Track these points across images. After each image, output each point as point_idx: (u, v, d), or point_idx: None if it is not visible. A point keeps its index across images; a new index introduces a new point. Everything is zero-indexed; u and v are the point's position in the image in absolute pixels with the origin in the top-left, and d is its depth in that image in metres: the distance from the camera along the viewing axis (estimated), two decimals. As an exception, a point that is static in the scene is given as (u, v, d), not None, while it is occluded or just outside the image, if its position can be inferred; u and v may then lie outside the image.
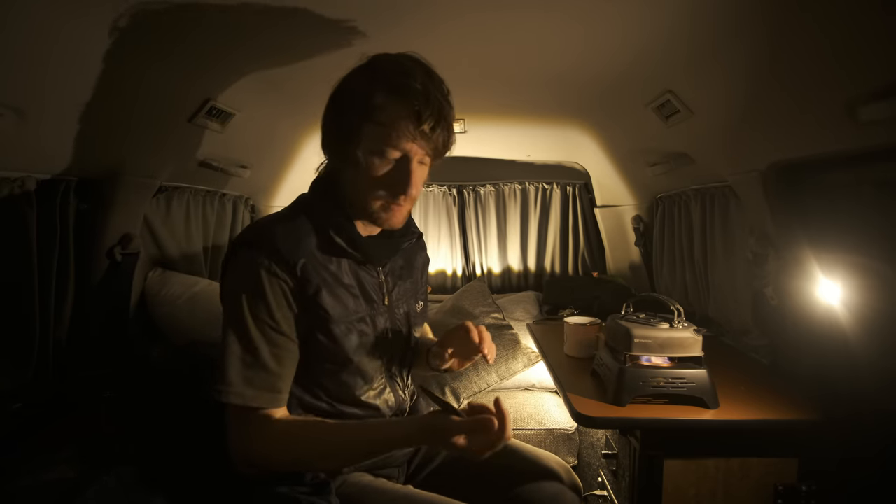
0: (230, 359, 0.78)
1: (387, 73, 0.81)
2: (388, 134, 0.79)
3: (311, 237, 0.84)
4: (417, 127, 0.79)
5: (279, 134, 1.82)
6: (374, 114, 0.79)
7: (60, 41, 0.87)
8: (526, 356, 1.89)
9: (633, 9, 0.93)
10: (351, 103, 0.82)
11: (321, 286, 0.81)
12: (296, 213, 0.87)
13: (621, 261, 2.49)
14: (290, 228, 0.83)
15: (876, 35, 0.75)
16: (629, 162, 1.97)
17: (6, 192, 1.10)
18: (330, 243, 0.85)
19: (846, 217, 1.10)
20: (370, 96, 0.79)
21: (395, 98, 0.79)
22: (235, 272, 0.82)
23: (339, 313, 0.83)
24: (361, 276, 0.89)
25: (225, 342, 0.79)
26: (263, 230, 0.82)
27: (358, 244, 0.86)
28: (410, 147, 0.81)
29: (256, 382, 0.78)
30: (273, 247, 0.79)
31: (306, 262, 0.81)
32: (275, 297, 0.79)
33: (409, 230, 0.99)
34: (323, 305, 0.82)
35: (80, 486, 0.69)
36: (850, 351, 1.07)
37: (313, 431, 0.80)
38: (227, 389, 0.77)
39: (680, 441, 1.07)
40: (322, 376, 0.87)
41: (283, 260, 0.79)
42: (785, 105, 1.01)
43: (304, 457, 0.80)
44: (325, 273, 0.83)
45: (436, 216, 2.78)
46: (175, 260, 1.70)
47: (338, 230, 0.85)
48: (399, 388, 0.97)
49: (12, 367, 1.14)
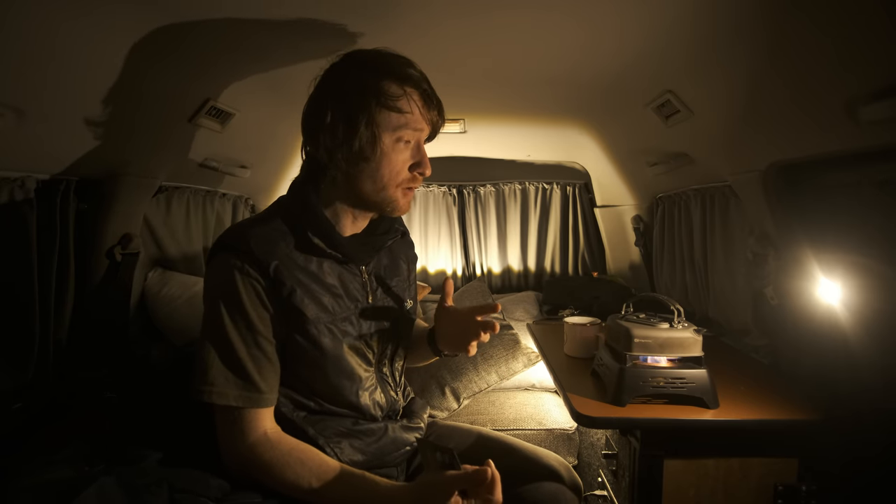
0: (210, 359, 0.79)
1: (388, 62, 0.84)
2: (406, 119, 0.84)
3: (288, 239, 0.84)
4: (429, 110, 0.87)
5: (279, 134, 1.82)
6: (388, 101, 0.82)
7: (60, 41, 0.87)
8: (526, 356, 1.89)
9: (633, 9, 0.93)
10: (360, 95, 0.82)
11: (296, 288, 0.82)
12: (273, 215, 0.87)
13: (621, 261, 2.49)
14: (265, 231, 0.83)
15: (876, 35, 0.75)
16: (629, 162, 1.97)
17: (6, 192, 1.10)
18: (308, 243, 0.85)
19: (846, 217, 1.10)
20: (380, 84, 0.82)
21: (407, 84, 0.84)
22: (212, 274, 0.83)
23: (315, 314, 0.83)
24: (344, 276, 0.89)
25: (203, 343, 0.80)
26: (239, 233, 0.83)
27: (337, 244, 0.86)
28: (424, 129, 0.88)
29: (237, 382, 0.79)
30: (247, 248, 0.80)
31: (279, 263, 0.81)
32: (249, 297, 0.80)
33: (392, 227, 0.99)
34: (298, 307, 0.82)
35: (79, 486, 0.69)
36: (851, 351, 1.07)
37: (307, 461, 0.80)
38: (209, 389, 0.77)
39: (680, 441, 1.07)
40: (307, 377, 0.87)
41: (255, 261, 0.80)
42: (785, 105, 1.01)
43: (288, 483, 0.79)
44: (301, 274, 0.83)
45: (436, 216, 2.78)
46: (175, 260, 1.70)
47: (315, 231, 0.85)
48: (391, 388, 0.97)
49: (12, 367, 1.14)
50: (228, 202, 2.01)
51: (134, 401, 1.17)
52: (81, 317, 1.31)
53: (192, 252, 1.78)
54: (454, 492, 0.74)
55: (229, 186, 1.92)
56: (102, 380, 1.30)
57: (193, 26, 0.97)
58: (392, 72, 0.83)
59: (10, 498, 0.69)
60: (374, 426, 0.91)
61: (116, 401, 1.25)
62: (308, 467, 0.79)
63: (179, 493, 0.75)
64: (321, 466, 0.80)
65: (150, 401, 1.08)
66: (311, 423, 0.86)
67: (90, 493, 0.68)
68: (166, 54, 1.05)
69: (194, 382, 0.79)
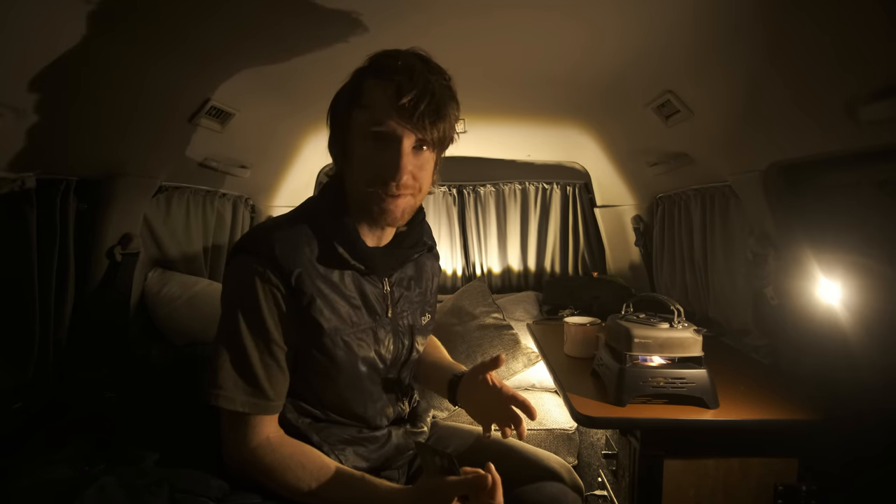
0: (222, 363, 0.78)
1: (376, 59, 0.82)
2: (371, 113, 0.78)
3: (312, 245, 0.82)
4: (398, 101, 0.76)
5: (279, 134, 1.82)
6: (361, 98, 0.80)
7: (60, 41, 0.87)
8: (526, 356, 1.89)
9: (633, 9, 0.93)
10: (344, 95, 0.84)
11: (315, 297, 0.80)
12: (298, 219, 0.85)
13: (621, 261, 2.49)
14: (289, 235, 0.81)
15: (876, 35, 0.75)
16: (629, 162, 1.97)
17: (6, 192, 1.10)
18: (332, 253, 0.83)
19: (846, 217, 1.10)
20: (359, 83, 0.81)
21: (378, 78, 0.79)
22: (231, 278, 0.82)
23: (333, 325, 0.82)
24: (365, 287, 0.87)
25: (217, 346, 0.79)
26: (262, 236, 0.81)
27: (361, 255, 0.84)
28: (395, 127, 0.77)
29: (246, 388, 0.78)
30: (270, 254, 0.78)
31: (302, 271, 0.79)
32: (268, 304, 0.78)
33: (419, 241, 0.96)
34: (315, 318, 0.80)
35: (80, 486, 0.69)
36: (851, 351, 1.07)
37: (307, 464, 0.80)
38: (217, 392, 0.77)
39: (680, 441, 1.07)
40: (318, 387, 0.86)
41: (278, 268, 0.78)
42: (785, 105, 1.01)
43: (288, 485, 0.79)
44: (322, 283, 0.81)
45: (436, 216, 2.78)
46: (175, 260, 1.70)
47: (342, 241, 0.83)
48: (398, 399, 0.96)
49: (12, 366, 1.14)
50: (228, 202, 2.01)
51: (134, 401, 1.17)
52: (81, 317, 1.31)
53: (192, 252, 1.78)
54: (454, 498, 0.74)
55: (229, 186, 1.92)
56: (102, 380, 1.30)
57: (193, 26, 0.97)
58: (372, 68, 0.81)
59: (11, 498, 0.69)
60: (378, 433, 0.91)
61: (116, 401, 1.25)
62: (308, 470, 0.79)
63: (180, 493, 0.75)
64: (321, 469, 0.80)
65: (150, 401, 1.08)
66: (316, 430, 0.86)
67: (91, 493, 0.68)
68: (166, 54, 1.05)
69: (204, 384, 0.78)
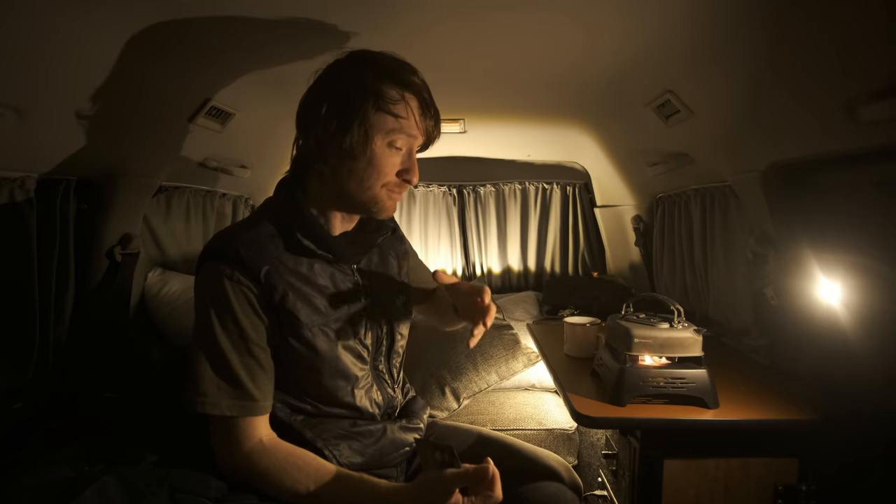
0: (202, 370, 0.78)
1: (392, 67, 0.84)
2: (400, 125, 0.83)
3: (276, 242, 0.83)
4: (425, 119, 0.86)
5: (279, 134, 1.82)
6: (385, 104, 0.82)
7: (60, 41, 0.87)
8: (526, 356, 1.89)
9: (633, 9, 0.93)
10: (358, 93, 0.82)
11: (288, 291, 0.81)
12: (260, 218, 0.86)
13: (621, 261, 2.49)
14: (252, 236, 0.82)
15: (876, 35, 0.75)
16: (629, 162, 1.97)
17: (6, 192, 1.10)
18: (298, 246, 0.84)
19: (846, 217, 1.10)
20: (380, 87, 0.82)
21: (407, 91, 0.84)
22: (201, 285, 0.82)
23: (309, 317, 0.83)
24: (336, 276, 0.88)
25: (195, 353, 0.79)
26: (227, 240, 0.82)
27: (327, 244, 0.86)
28: (418, 137, 0.87)
29: (230, 391, 0.78)
30: (236, 256, 0.79)
31: (270, 268, 0.80)
32: (240, 305, 0.79)
33: (383, 225, 0.98)
34: (291, 311, 0.81)
35: (79, 486, 0.69)
36: (851, 351, 1.06)
37: (304, 466, 0.80)
38: (202, 400, 0.77)
39: (680, 441, 1.07)
40: (302, 380, 0.86)
41: (245, 268, 0.79)
42: (785, 105, 1.01)
43: (286, 489, 0.79)
44: (292, 277, 0.82)
45: (436, 216, 2.78)
46: (175, 260, 1.70)
47: (303, 231, 0.84)
48: (387, 386, 0.96)
49: (12, 366, 1.14)
50: (228, 202, 2.01)
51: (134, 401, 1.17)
52: (81, 317, 1.31)
53: (192, 252, 1.78)
54: (455, 489, 0.74)
55: (229, 186, 1.92)
56: (102, 380, 1.30)
57: (193, 25, 0.97)
58: (393, 76, 0.83)
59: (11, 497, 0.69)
60: (373, 427, 0.90)
61: (116, 401, 1.25)
62: (305, 472, 0.79)
63: (180, 493, 0.75)
64: (318, 471, 0.80)
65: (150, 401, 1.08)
66: (310, 427, 0.86)
67: (91, 494, 0.68)
68: (165, 54, 1.05)
69: (187, 393, 0.78)
